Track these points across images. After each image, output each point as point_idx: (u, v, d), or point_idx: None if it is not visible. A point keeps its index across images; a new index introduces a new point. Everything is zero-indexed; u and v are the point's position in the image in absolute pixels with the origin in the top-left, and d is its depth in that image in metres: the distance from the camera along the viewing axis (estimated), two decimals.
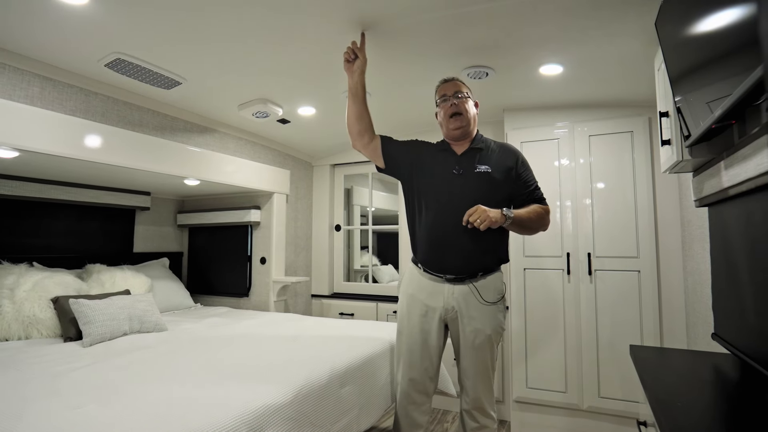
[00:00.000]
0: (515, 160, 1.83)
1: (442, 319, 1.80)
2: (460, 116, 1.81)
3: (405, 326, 1.86)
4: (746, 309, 1.23)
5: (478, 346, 1.74)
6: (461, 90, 1.84)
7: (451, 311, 1.77)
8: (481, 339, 1.74)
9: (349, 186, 4.10)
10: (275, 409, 1.37)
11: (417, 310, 1.83)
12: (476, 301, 1.74)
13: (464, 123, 1.81)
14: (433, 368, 1.84)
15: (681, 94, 1.32)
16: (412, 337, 1.83)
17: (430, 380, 1.85)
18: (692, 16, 1.13)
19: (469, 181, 1.77)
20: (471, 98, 1.86)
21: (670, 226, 2.50)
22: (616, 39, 1.89)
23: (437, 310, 1.79)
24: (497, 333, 1.77)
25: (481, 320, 1.74)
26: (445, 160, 1.84)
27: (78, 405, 1.28)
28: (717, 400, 1.11)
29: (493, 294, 1.77)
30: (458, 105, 1.81)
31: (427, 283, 1.82)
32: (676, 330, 2.44)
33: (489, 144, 1.87)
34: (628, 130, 2.59)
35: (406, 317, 1.86)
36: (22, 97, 1.94)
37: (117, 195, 3.05)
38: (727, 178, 1.24)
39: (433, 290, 1.80)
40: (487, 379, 1.78)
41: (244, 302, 3.44)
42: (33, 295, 2.23)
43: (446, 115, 1.83)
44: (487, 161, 1.80)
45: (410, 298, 1.86)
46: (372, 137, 1.89)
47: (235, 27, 1.80)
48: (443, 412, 3.08)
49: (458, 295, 1.76)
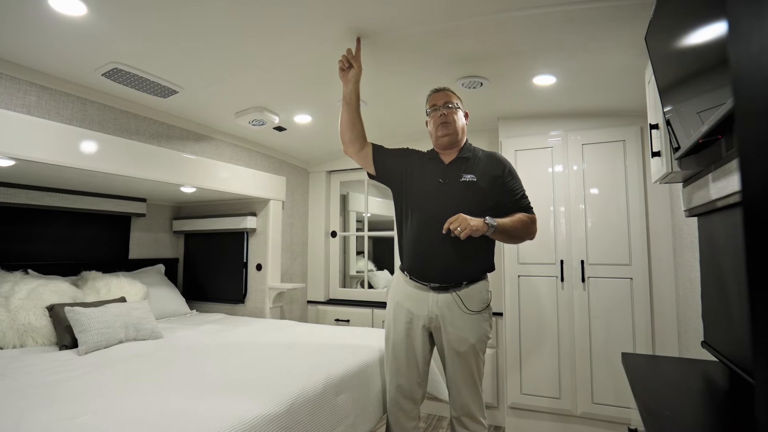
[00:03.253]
0: (502, 169, 1.83)
1: (426, 327, 1.81)
2: (448, 125, 1.83)
3: (391, 333, 1.88)
4: (734, 318, 1.25)
5: (462, 355, 1.75)
6: (451, 100, 1.86)
7: (435, 320, 1.78)
8: (465, 347, 1.75)
9: (345, 192, 4.11)
10: (271, 418, 1.38)
11: (402, 318, 1.84)
12: (459, 310, 1.75)
13: (451, 131, 1.83)
14: (419, 375, 1.85)
15: (670, 105, 1.35)
16: (398, 344, 1.85)
17: (418, 386, 1.86)
18: (680, 30, 1.16)
19: (455, 190, 1.78)
20: (461, 109, 1.89)
21: (661, 234, 2.54)
22: (607, 51, 1.92)
23: (421, 318, 1.80)
24: (481, 341, 1.78)
25: (465, 329, 1.75)
26: (433, 169, 1.86)
27: (74, 415, 1.28)
28: (705, 409, 1.13)
29: (478, 303, 1.77)
30: (447, 115, 1.83)
31: (412, 291, 1.83)
32: (667, 337, 2.47)
33: (477, 153, 1.88)
34: (621, 140, 2.63)
35: (393, 324, 1.88)
36: (18, 106, 1.95)
37: (113, 202, 3.05)
38: (715, 191, 1.27)
39: (417, 298, 1.81)
40: (473, 386, 1.79)
41: (239, 309, 3.44)
42: (28, 303, 2.22)
43: (435, 125, 1.86)
44: (473, 170, 1.81)
45: (396, 306, 1.88)
46: (363, 145, 1.92)
47: (231, 36, 1.82)
48: (438, 417, 3.09)
49: (442, 303, 1.77)
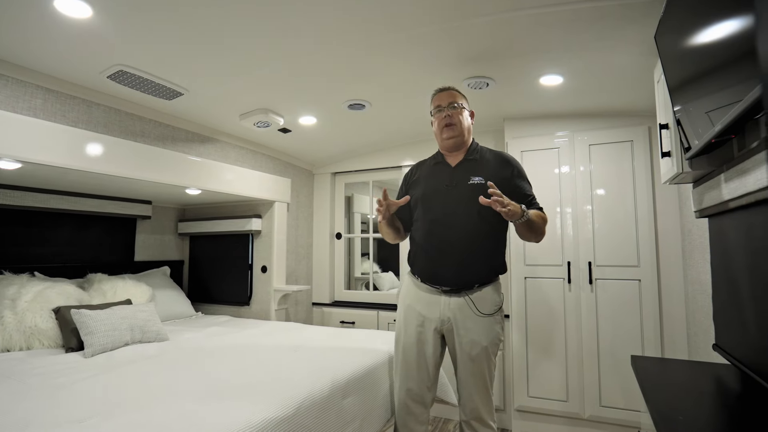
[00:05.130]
0: (511, 170, 1.81)
1: (438, 330, 1.80)
2: (453, 127, 1.80)
3: (402, 336, 1.87)
4: (747, 321, 1.23)
5: (474, 358, 1.73)
6: (456, 100, 1.82)
7: (447, 322, 1.77)
8: (477, 351, 1.73)
9: (349, 194, 4.10)
10: (278, 422, 1.37)
11: (413, 320, 1.83)
12: (472, 312, 1.74)
13: (457, 133, 1.80)
14: (429, 378, 1.83)
15: (680, 104, 1.33)
16: (408, 347, 1.84)
17: (428, 390, 1.84)
18: (691, 28, 1.15)
19: (463, 193, 1.76)
20: (466, 108, 1.85)
21: (670, 235, 2.51)
22: (615, 50, 1.90)
23: (433, 320, 1.78)
24: (494, 344, 1.76)
25: (477, 332, 1.73)
26: (440, 173, 1.85)
27: (82, 418, 1.28)
28: (718, 413, 1.11)
29: (490, 306, 1.75)
30: (452, 116, 1.80)
31: (423, 295, 1.82)
32: (677, 339, 2.44)
33: (484, 154, 1.86)
34: (628, 140, 2.61)
35: (403, 327, 1.86)
36: (24, 108, 1.95)
37: (118, 204, 3.06)
38: (727, 191, 1.25)
39: (429, 301, 1.80)
40: (484, 390, 1.77)
41: (245, 311, 3.43)
42: (35, 306, 2.23)
43: (440, 126, 1.83)
44: (481, 172, 1.78)
45: (407, 309, 1.86)
46: (405, 235, 1.99)
47: (236, 38, 1.82)
48: (444, 420, 3.07)
49: (454, 306, 1.75)
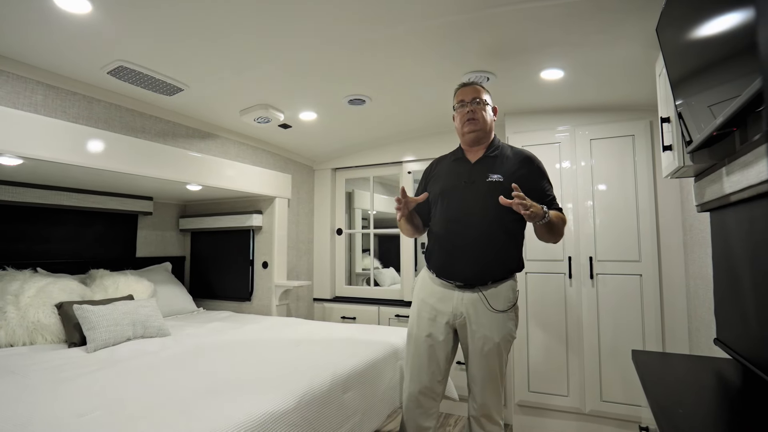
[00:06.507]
0: (530, 168, 1.79)
1: (450, 324, 1.80)
2: (475, 122, 1.79)
3: (414, 329, 1.87)
4: (748, 315, 1.23)
5: (486, 354, 1.73)
6: (480, 96, 1.81)
7: (460, 317, 1.77)
8: (489, 346, 1.73)
9: (350, 189, 4.10)
10: (279, 415, 1.38)
11: (426, 314, 1.83)
12: (485, 308, 1.73)
13: (478, 128, 1.80)
14: (440, 372, 1.84)
15: (682, 98, 1.32)
16: (420, 341, 1.84)
17: (438, 384, 1.84)
18: (693, 20, 1.14)
19: (481, 190, 1.75)
20: (489, 104, 1.84)
21: (671, 230, 2.50)
22: (616, 44, 1.89)
23: (446, 314, 1.79)
24: (506, 341, 1.75)
25: (490, 328, 1.73)
26: (459, 170, 1.85)
27: (84, 412, 1.29)
28: (719, 407, 1.11)
29: (503, 302, 1.75)
30: (474, 111, 1.79)
31: (437, 289, 1.82)
32: (678, 334, 2.44)
33: (505, 151, 1.84)
34: (630, 134, 2.60)
35: (416, 321, 1.87)
36: (25, 105, 1.95)
37: (120, 200, 3.06)
38: (729, 185, 1.25)
39: (442, 295, 1.80)
40: (495, 386, 1.77)
41: (246, 306, 3.45)
42: (37, 301, 2.24)
43: (462, 121, 1.82)
44: (501, 170, 1.76)
45: (421, 303, 1.87)
46: (424, 230, 1.98)
47: (237, 33, 1.81)
48: (446, 415, 3.08)
49: (467, 301, 1.75)
